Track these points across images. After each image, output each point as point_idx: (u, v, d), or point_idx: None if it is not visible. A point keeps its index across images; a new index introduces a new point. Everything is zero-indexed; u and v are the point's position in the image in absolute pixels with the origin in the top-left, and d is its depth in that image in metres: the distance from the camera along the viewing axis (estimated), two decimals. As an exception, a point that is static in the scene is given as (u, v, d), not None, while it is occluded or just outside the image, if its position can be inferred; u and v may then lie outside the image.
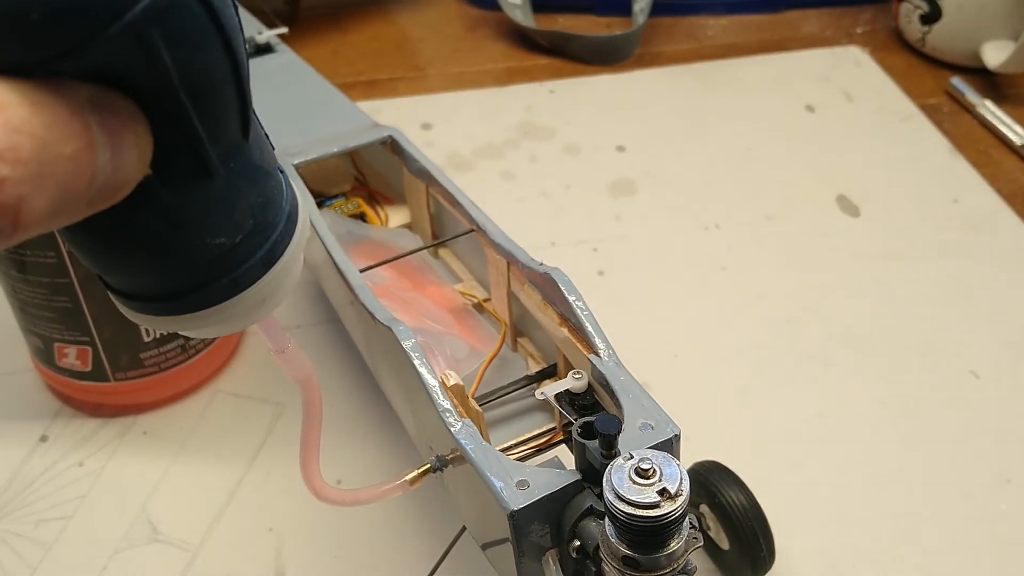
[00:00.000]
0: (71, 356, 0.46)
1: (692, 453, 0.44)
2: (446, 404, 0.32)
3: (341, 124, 0.50)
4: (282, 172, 0.23)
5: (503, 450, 0.35)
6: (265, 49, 0.60)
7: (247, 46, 0.60)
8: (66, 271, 0.42)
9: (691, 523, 0.27)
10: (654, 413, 0.31)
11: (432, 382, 0.32)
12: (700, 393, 0.51)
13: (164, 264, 0.20)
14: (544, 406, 0.38)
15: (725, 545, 0.41)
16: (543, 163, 0.66)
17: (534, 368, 0.40)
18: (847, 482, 0.46)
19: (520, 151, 0.67)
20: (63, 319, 0.44)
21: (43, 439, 0.48)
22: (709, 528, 0.42)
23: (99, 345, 0.45)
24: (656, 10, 0.80)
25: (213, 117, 0.19)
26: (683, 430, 0.49)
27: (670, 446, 0.30)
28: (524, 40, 0.80)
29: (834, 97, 0.73)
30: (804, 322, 0.55)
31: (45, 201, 0.16)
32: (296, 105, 0.53)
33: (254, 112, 0.21)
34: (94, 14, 0.16)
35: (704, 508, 0.42)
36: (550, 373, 0.39)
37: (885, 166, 0.66)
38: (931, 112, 0.71)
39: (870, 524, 0.44)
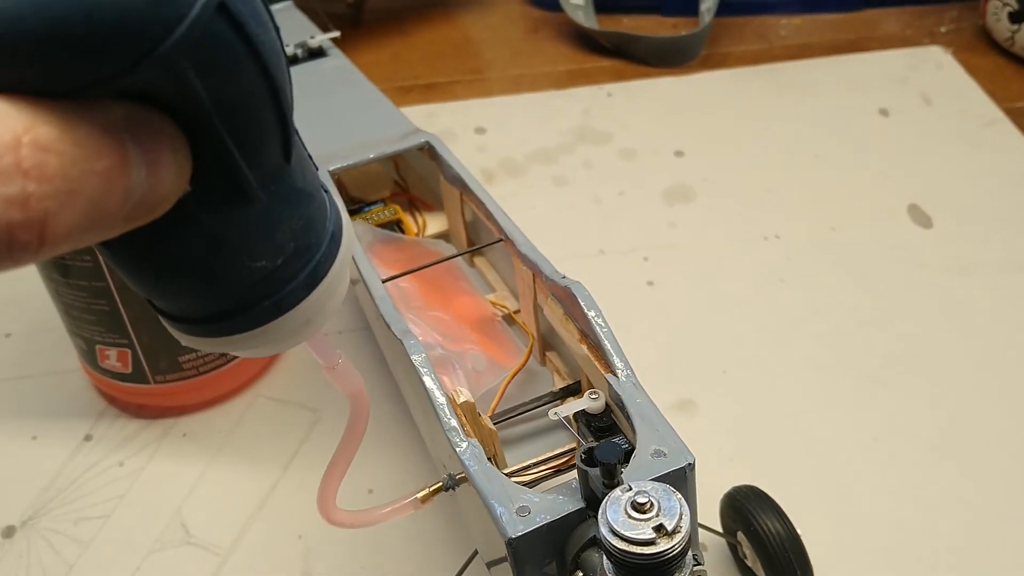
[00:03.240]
0: (112, 358, 0.46)
1: (734, 476, 0.42)
2: (453, 422, 0.31)
3: (382, 129, 0.49)
4: (326, 192, 0.22)
5: (519, 470, 0.34)
6: (317, 53, 0.60)
7: (300, 50, 0.60)
8: (103, 275, 0.42)
9: (695, 559, 0.26)
10: (669, 439, 0.29)
11: (440, 399, 0.31)
12: (747, 412, 0.49)
13: (205, 286, 0.20)
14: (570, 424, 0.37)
15: (762, 575, 0.39)
16: (597, 168, 0.65)
17: (559, 384, 0.38)
18: (900, 513, 0.43)
19: (574, 156, 0.66)
20: (103, 322, 0.45)
21: (87, 438, 0.49)
22: (746, 556, 0.40)
23: (138, 348, 0.46)
24: (727, 9, 0.78)
25: (251, 142, 0.19)
26: (726, 450, 0.47)
27: (683, 476, 0.28)
28: (587, 42, 0.78)
29: (911, 100, 0.69)
30: (865, 339, 0.52)
31: (74, 216, 0.16)
32: (340, 110, 0.53)
33: (297, 134, 0.20)
34: (122, 51, 0.15)
35: (740, 536, 0.40)
36: (575, 390, 0.37)
37: (963, 174, 0.63)
38: (1018, 116, 0.67)
39: (922, 560, 0.41)
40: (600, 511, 0.25)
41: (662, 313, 0.54)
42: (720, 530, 0.42)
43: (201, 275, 0.20)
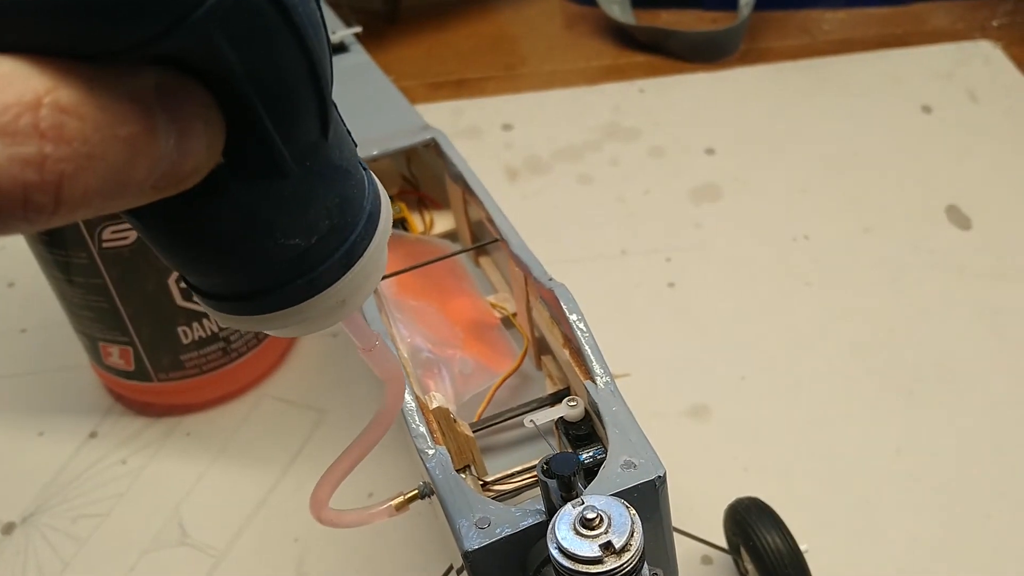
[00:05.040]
0: (115, 355, 0.46)
1: (747, 487, 0.41)
2: (421, 429, 0.29)
3: (392, 125, 0.48)
4: (365, 170, 0.22)
5: (501, 478, 0.33)
6: (339, 49, 0.59)
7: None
8: (99, 272, 0.42)
9: (654, 579, 0.24)
10: (641, 450, 0.28)
11: (409, 404, 0.30)
12: (764, 421, 0.46)
13: (237, 262, 0.20)
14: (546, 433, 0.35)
15: (763, 593, 0.37)
16: (624, 166, 0.63)
17: (551, 390, 0.37)
18: (921, 530, 0.41)
19: (601, 153, 0.64)
20: (103, 319, 0.45)
21: (93, 435, 0.49)
22: (747, 573, 0.38)
23: (139, 345, 0.45)
24: (769, 3, 0.75)
25: (286, 116, 0.18)
26: (740, 460, 0.45)
27: (652, 489, 0.27)
28: (623, 37, 0.76)
29: (956, 97, 0.66)
30: (893, 347, 0.49)
31: (92, 180, 0.16)
32: (352, 105, 0.51)
33: (336, 109, 0.20)
34: (153, 18, 0.15)
35: (743, 550, 0.38)
36: (564, 396, 0.36)
37: (1006, 174, 0.59)
38: (1072, 113, 0.63)
39: (940, 582, 0.39)
40: (549, 527, 0.23)
41: (681, 316, 0.52)
42: (722, 543, 0.40)
43: (233, 250, 0.19)
